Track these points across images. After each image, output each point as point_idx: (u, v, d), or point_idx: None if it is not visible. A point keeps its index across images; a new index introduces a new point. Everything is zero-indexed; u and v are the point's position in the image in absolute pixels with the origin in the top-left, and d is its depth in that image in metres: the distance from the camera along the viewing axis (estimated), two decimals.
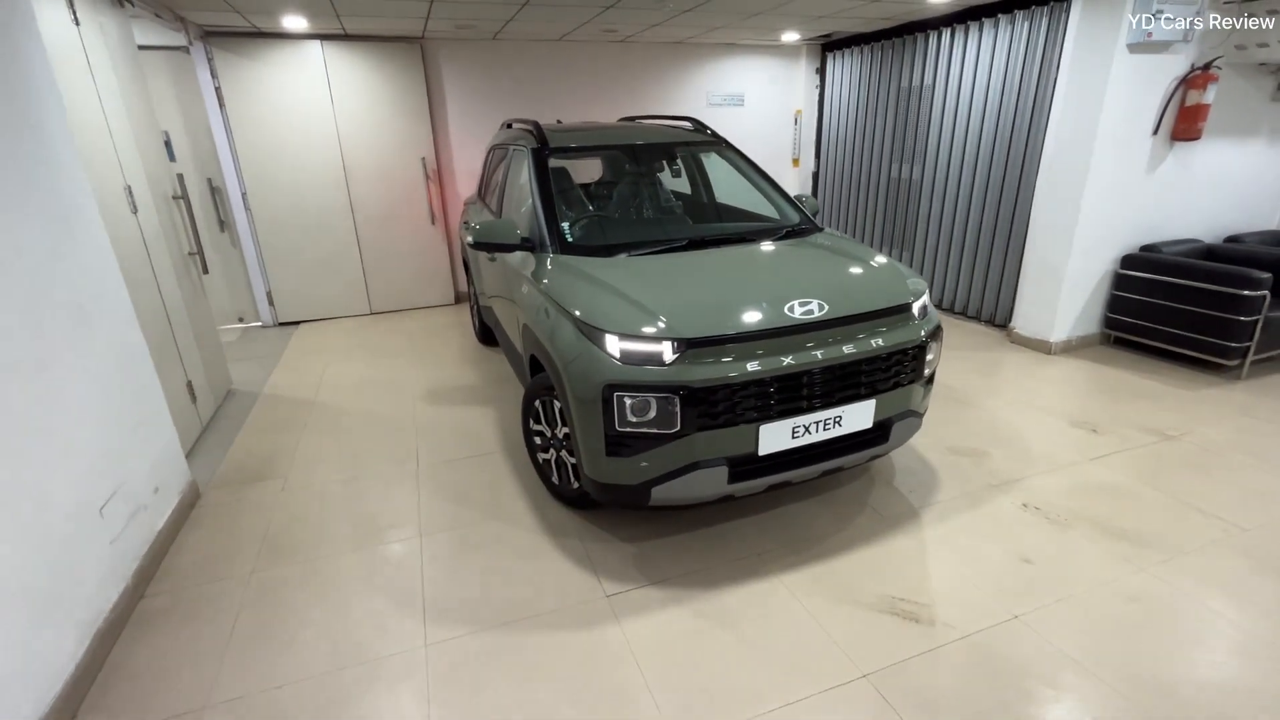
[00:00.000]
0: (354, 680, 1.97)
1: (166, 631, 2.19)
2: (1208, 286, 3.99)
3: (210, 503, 2.97)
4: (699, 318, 2.27)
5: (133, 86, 3.44)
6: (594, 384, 2.23)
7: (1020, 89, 4.59)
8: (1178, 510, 2.76)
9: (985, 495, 2.89)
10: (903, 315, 2.53)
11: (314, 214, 5.55)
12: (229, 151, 5.20)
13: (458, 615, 2.23)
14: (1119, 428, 3.49)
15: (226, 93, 5.03)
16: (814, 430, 2.37)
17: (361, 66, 5.31)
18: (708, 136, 3.77)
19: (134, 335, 2.63)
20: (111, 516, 2.24)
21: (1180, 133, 4.23)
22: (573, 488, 2.75)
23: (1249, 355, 3.99)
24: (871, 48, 5.93)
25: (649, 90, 6.38)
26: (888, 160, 5.98)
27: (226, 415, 3.91)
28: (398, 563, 2.52)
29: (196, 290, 3.89)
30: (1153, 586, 2.31)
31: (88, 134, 2.80)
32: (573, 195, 3.62)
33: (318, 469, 3.25)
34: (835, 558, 2.50)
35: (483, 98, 5.87)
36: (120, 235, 2.88)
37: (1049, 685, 1.91)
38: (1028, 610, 2.21)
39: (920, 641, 2.08)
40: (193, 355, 3.63)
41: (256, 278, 5.62)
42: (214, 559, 2.57)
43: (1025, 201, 4.67)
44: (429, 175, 5.80)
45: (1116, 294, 4.55)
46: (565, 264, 2.76)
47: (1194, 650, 2.04)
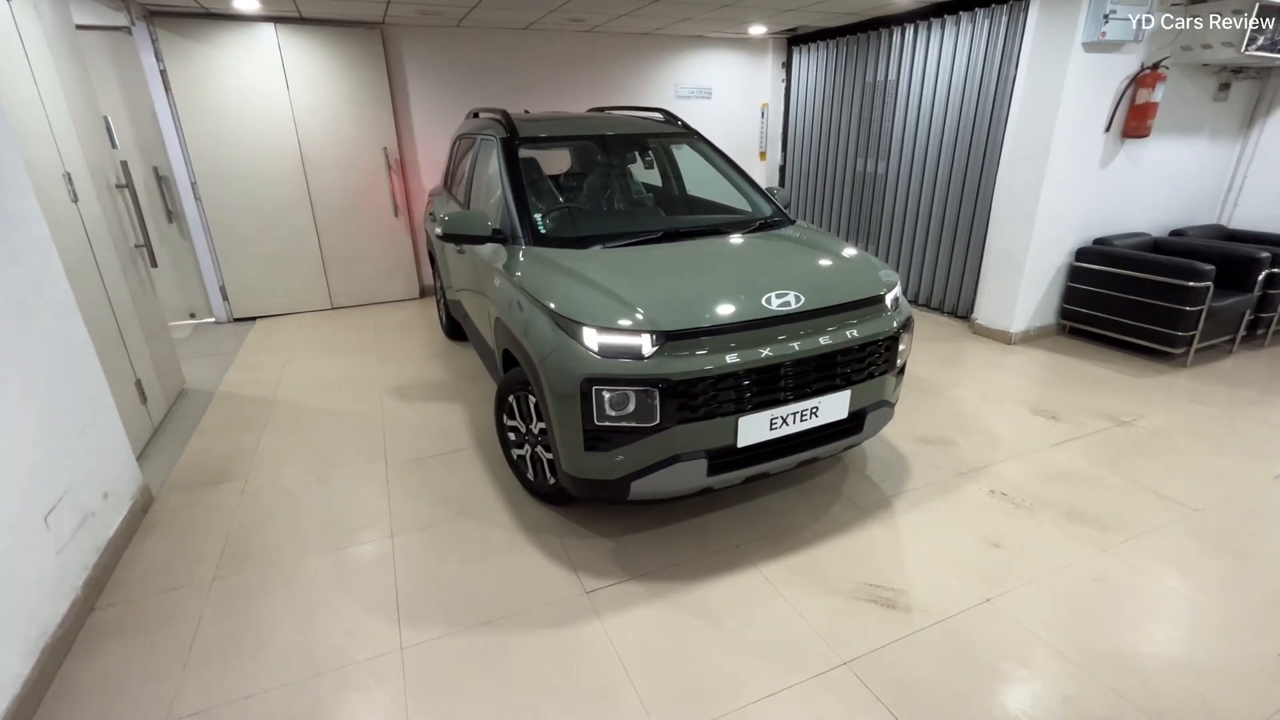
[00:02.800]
0: (328, 688, 1.90)
1: (120, 645, 2.07)
2: (1156, 278, 4.16)
3: (165, 508, 2.83)
4: (677, 310, 2.25)
5: (70, 67, 3.22)
6: (572, 378, 2.19)
7: (981, 85, 4.70)
8: (1134, 493, 2.87)
9: (954, 482, 2.96)
10: (876, 307, 2.56)
11: (270, 205, 5.33)
12: (176, 138, 4.94)
13: (434, 616, 2.17)
14: (1076, 415, 3.61)
15: (173, 76, 4.77)
16: (791, 421, 2.39)
17: (319, 52, 5.11)
18: (679, 128, 3.75)
19: (77, 330, 2.47)
20: (57, 525, 2.10)
21: (1131, 130, 4.40)
22: (549, 484, 2.70)
23: (1194, 343, 4.19)
24: (837, 42, 5.99)
25: (616, 81, 6.31)
26: (853, 154, 6.06)
27: (180, 415, 3.72)
28: (369, 565, 2.44)
29: (144, 284, 3.69)
30: (1114, 567, 2.40)
31: (21, 116, 2.60)
32: (543, 186, 3.54)
33: (280, 469, 3.13)
34: (812, 547, 2.52)
35: (446, 86, 5.72)
36: (60, 225, 2.70)
37: (1022, 665, 1.97)
38: (998, 593, 2.26)
39: (898, 628, 2.11)
40: (141, 353, 3.44)
41: (209, 271, 5.37)
42: (170, 567, 2.45)
43: (986, 196, 4.79)
44: (391, 166, 5.63)
45: (1071, 285, 4.71)
46: (538, 256, 2.70)
47: (1156, 626, 2.13)
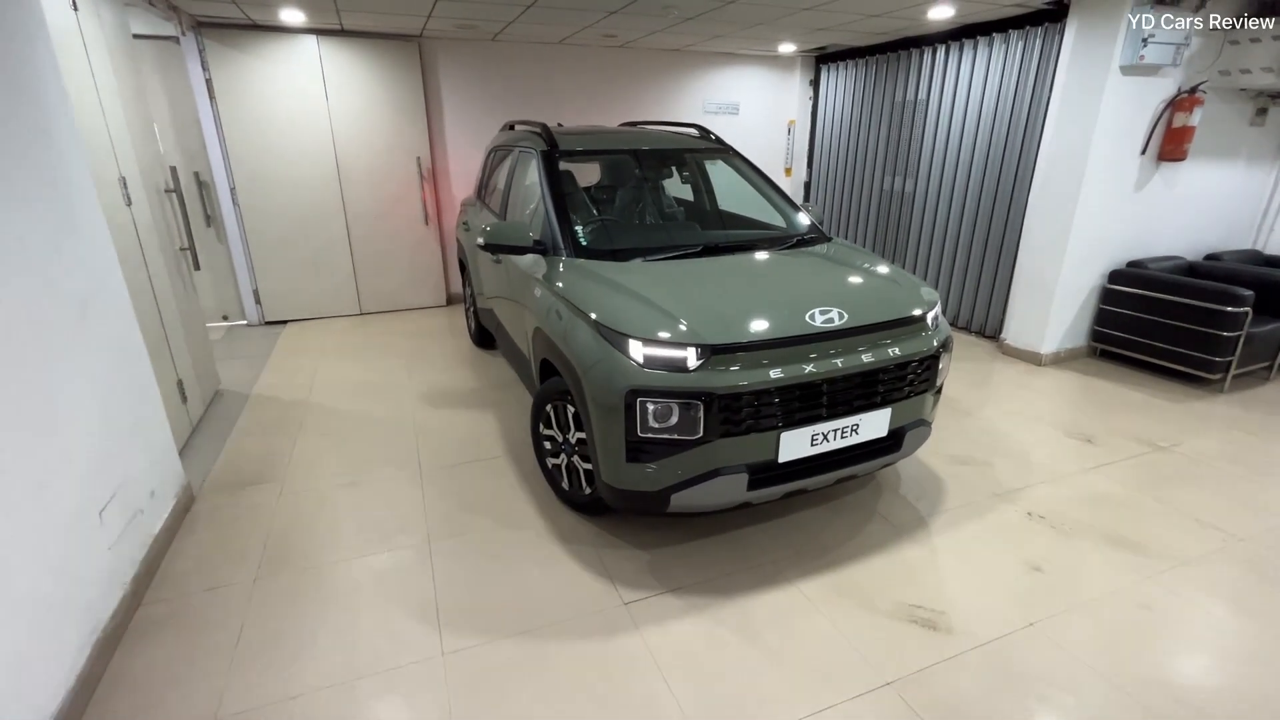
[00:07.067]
0: (371, 691, 1.91)
1: (168, 641, 2.10)
2: (1193, 303, 4.11)
3: (206, 507, 2.87)
4: (722, 324, 2.27)
5: (128, 76, 3.33)
6: (616, 389, 2.21)
7: (1014, 107, 4.70)
8: (1175, 519, 2.82)
9: (990, 504, 2.93)
10: (918, 325, 2.56)
11: (305, 211, 5.43)
12: (218, 145, 5.06)
13: (473, 624, 2.18)
14: (1112, 438, 3.57)
15: (217, 85, 4.90)
16: (832, 438, 2.38)
17: (358, 63, 5.22)
18: (715, 144, 3.79)
19: (132, 332, 2.54)
20: (110, 520, 2.15)
21: (1167, 153, 4.37)
22: (584, 494, 2.71)
23: (1231, 369, 4.13)
24: (866, 61, 6.02)
25: (646, 96, 6.39)
26: (880, 172, 6.07)
27: (216, 416, 3.78)
28: (407, 570, 2.46)
29: (188, 287, 3.77)
30: (1160, 594, 2.36)
31: (84, 123, 2.69)
32: (578, 199, 3.59)
33: (316, 473, 3.17)
34: (850, 565, 2.50)
35: (479, 98, 5.82)
36: (115, 228, 2.77)
37: (1069, 692, 1.94)
38: (1041, 618, 2.24)
39: (941, 649, 2.09)
40: (182, 353, 3.51)
41: (243, 275, 5.47)
42: (213, 565, 2.48)
43: (1017, 216, 4.78)
44: (423, 175, 5.72)
45: (1104, 308, 4.67)
46: (580, 267, 2.73)
47: (1206, 657, 2.09)
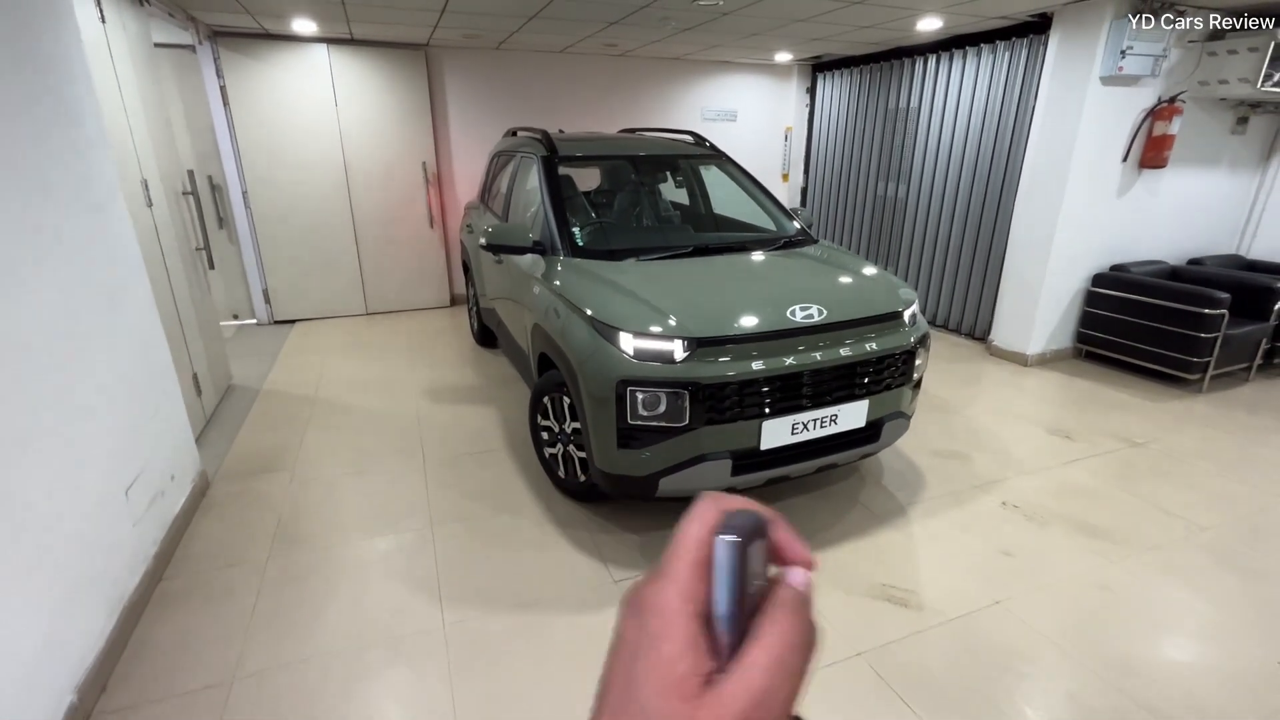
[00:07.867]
0: (377, 656, 2.06)
1: (188, 612, 2.25)
2: (1172, 305, 4.25)
3: (220, 492, 3.03)
4: (708, 319, 2.42)
5: (149, 84, 3.50)
6: (608, 379, 2.36)
7: (1000, 115, 4.85)
8: (1145, 510, 2.96)
9: (968, 494, 3.06)
10: (894, 322, 2.70)
11: (314, 214, 5.61)
12: (231, 150, 5.25)
13: (473, 598, 2.33)
14: (1091, 435, 3.70)
15: (231, 92, 5.09)
16: (811, 427, 2.52)
17: (367, 71, 5.41)
18: (709, 150, 3.94)
19: (154, 324, 2.70)
20: (135, 499, 2.30)
21: (1148, 161, 4.51)
22: (579, 481, 2.86)
23: (1209, 370, 4.26)
24: (860, 70, 6.18)
25: (646, 103, 6.56)
26: (874, 178, 6.22)
27: (228, 409, 3.94)
28: (411, 551, 2.61)
29: (202, 285, 3.94)
30: (1122, 577, 2.49)
31: (110, 128, 2.86)
32: (577, 202, 3.75)
33: (324, 463, 3.32)
34: (830, 549, 2.64)
35: (484, 105, 6.00)
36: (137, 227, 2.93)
37: (1029, 662, 2.07)
38: (1008, 597, 2.37)
39: (910, 624, 2.23)
40: (198, 349, 3.67)
41: (253, 275, 5.65)
42: (228, 545, 2.63)
43: (1004, 221, 4.92)
44: (429, 179, 5.90)
45: (1088, 310, 4.80)
46: (576, 266, 2.89)
47: (1160, 634, 2.22)
